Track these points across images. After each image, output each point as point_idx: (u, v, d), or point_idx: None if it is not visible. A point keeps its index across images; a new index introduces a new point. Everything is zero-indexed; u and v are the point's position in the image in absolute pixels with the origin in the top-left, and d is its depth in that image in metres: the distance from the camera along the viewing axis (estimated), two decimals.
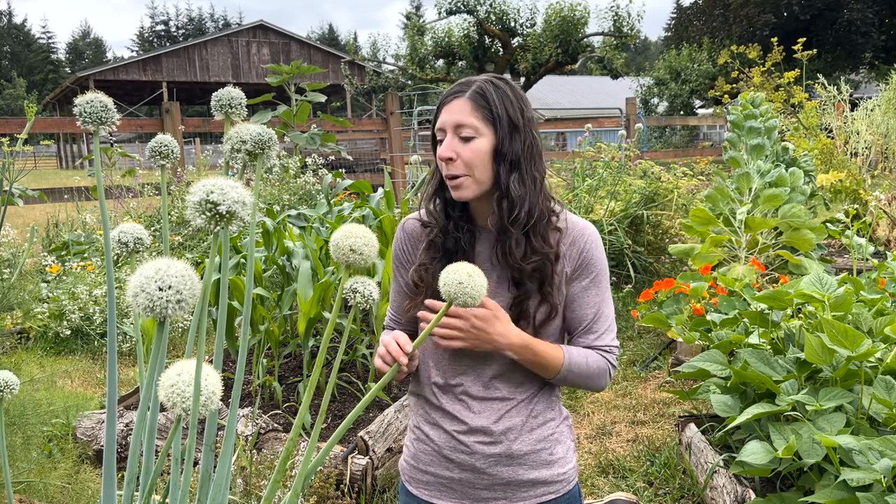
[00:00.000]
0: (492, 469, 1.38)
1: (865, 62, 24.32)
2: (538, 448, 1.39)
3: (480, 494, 1.39)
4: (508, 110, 1.32)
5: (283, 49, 29.96)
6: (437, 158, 1.34)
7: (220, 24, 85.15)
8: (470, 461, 1.38)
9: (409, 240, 1.45)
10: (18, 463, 2.28)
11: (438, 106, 1.35)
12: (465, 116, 1.30)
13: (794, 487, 2.15)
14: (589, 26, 17.30)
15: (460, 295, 1.11)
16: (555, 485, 1.40)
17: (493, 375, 1.39)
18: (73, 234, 5.84)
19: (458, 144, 1.30)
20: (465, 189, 1.32)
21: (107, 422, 1.11)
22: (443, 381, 1.41)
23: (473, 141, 1.31)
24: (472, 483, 1.39)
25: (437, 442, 1.41)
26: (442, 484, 1.41)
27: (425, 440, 1.44)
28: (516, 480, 1.38)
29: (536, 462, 1.39)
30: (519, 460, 1.38)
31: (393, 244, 1.49)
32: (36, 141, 14.76)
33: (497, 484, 1.38)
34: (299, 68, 6.43)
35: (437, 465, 1.42)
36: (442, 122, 1.33)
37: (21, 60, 72.57)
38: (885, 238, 5.07)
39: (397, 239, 1.48)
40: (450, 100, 1.33)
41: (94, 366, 4.10)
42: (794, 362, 2.23)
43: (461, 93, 1.32)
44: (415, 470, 1.45)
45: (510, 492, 1.38)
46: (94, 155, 1.12)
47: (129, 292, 0.81)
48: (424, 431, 1.44)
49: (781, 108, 8.05)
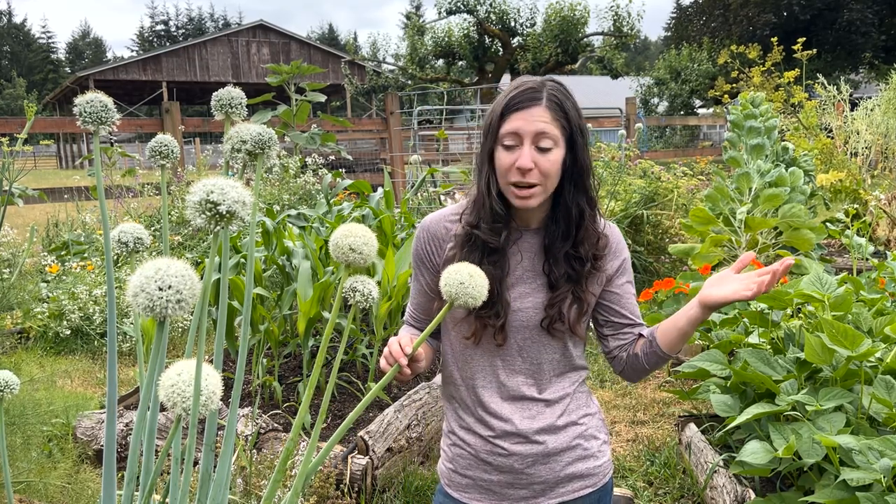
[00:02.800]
0: (529, 469, 1.39)
1: (865, 62, 24.31)
2: (573, 444, 1.41)
3: (519, 493, 1.41)
4: (580, 121, 1.31)
5: (283, 49, 29.95)
6: (507, 165, 1.29)
7: (219, 24, 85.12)
8: (507, 463, 1.39)
9: (433, 240, 1.43)
10: (18, 463, 2.28)
11: (506, 108, 1.29)
12: (546, 126, 1.27)
13: (794, 487, 2.14)
14: (589, 26, 17.32)
15: (462, 295, 1.11)
16: (591, 478, 1.42)
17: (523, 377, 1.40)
18: (73, 234, 5.84)
19: (536, 154, 1.27)
20: (534, 199, 1.30)
21: (107, 422, 1.11)
22: (472, 385, 1.42)
23: (552, 151, 1.28)
24: (511, 483, 1.40)
25: (474, 446, 1.42)
26: (481, 486, 1.43)
27: (462, 445, 1.44)
28: (554, 478, 1.40)
29: (572, 458, 1.40)
30: (556, 458, 1.39)
31: (414, 244, 1.47)
32: (36, 141, 14.77)
33: (535, 483, 1.40)
34: (299, 68, 6.43)
35: (475, 469, 1.43)
36: (517, 128, 1.27)
37: (21, 60, 72.55)
38: (885, 238, 5.07)
39: (419, 239, 1.45)
40: (526, 105, 1.28)
41: (93, 366, 4.10)
42: (794, 362, 2.23)
43: (537, 99, 1.28)
44: (453, 474, 1.46)
45: (549, 489, 1.40)
46: (94, 155, 1.12)
47: (129, 292, 0.81)
48: (460, 436, 1.45)
49: (781, 107, 8.05)
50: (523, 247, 1.38)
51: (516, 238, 1.38)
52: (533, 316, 1.36)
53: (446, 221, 1.42)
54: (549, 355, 1.39)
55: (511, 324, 1.37)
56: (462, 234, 1.37)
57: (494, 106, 1.33)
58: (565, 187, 1.32)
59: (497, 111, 1.31)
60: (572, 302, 1.35)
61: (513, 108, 1.29)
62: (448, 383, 1.47)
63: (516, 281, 1.37)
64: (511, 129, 1.28)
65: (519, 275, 1.37)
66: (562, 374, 1.42)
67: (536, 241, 1.38)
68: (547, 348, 1.39)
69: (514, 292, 1.37)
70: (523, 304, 1.36)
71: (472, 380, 1.42)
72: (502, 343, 1.37)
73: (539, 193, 1.30)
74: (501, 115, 1.30)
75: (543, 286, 1.36)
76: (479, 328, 1.36)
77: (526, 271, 1.37)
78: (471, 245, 1.35)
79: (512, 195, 1.31)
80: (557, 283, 1.35)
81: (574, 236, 1.34)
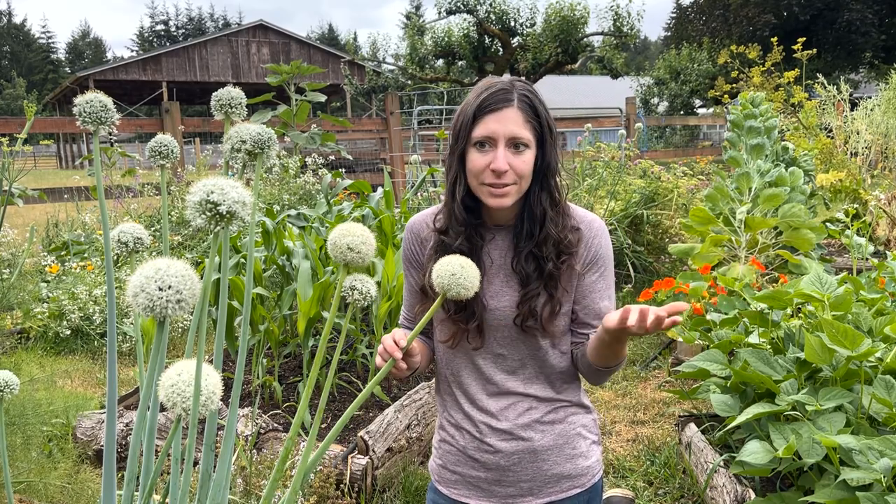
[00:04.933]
0: (516, 467, 1.39)
1: (865, 62, 24.33)
2: (560, 443, 1.41)
3: (507, 491, 1.41)
4: (549, 121, 1.32)
5: (283, 49, 29.95)
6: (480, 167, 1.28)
7: (219, 24, 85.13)
8: (494, 460, 1.40)
9: (416, 240, 1.45)
10: (18, 463, 2.29)
11: (479, 110, 1.29)
12: (519, 128, 1.27)
13: (794, 487, 2.14)
14: (589, 26, 17.32)
15: (454, 286, 1.12)
16: (579, 478, 1.42)
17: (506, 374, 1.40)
18: (73, 234, 5.84)
19: (510, 156, 1.28)
20: (509, 197, 1.30)
21: (107, 422, 1.11)
22: (459, 381, 1.43)
23: (525, 152, 1.29)
24: (498, 481, 1.41)
25: (461, 442, 1.43)
26: (469, 483, 1.43)
27: (450, 441, 1.46)
28: (541, 476, 1.40)
29: (560, 457, 1.40)
30: (542, 456, 1.39)
31: (402, 244, 1.49)
32: (36, 141, 14.77)
33: (522, 481, 1.40)
34: (299, 68, 6.42)
35: (463, 465, 1.44)
36: (491, 131, 1.27)
37: (21, 60, 72.55)
38: (885, 238, 5.06)
39: (405, 239, 1.48)
40: (499, 107, 1.28)
41: (93, 366, 4.10)
42: (794, 362, 2.23)
43: (509, 101, 1.28)
44: (443, 470, 1.48)
45: (536, 488, 1.40)
46: (93, 155, 1.12)
47: (129, 292, 0.81)
48: (449, 433, 1.46)
49: (781, 107, 8.05)
50: (497, 245, 1.38)
51: (490, 237, 1.39)
52: (508, 314, 1.36)
53: (429, 221, 1.43)
54: (530, 352, 1.39)
55: (488, 322, 1.37)
56: (436, 239, 1.39)
57: (464, 107, 1.32)
58: (532, 187, 1.33)
59: (469, 112, 1.30)
60: (546, 300, 1.34)
61: (485, 110, 1.28)
62: (439, 380, 1.49)
63: (491, 279, 1.38)
64: (485, 132, 1.28)
65: (493, 273, 1.38)
66: (549, 370, 1.41)
67: (508, 239, 1.38)
68: (527, 345, 1.39)
69: (489, 290, 1.37)
70: (499, 303, 1.36)
71: (458, 376, 1.43)
72: (479, 346, 1.38)
73: (513, 193, 1.30)
74: (474, 116, 1.29)
75: (517, 283, 1.36)
76: (457, 332, 1.37)
77: (500, 269, 1.37)
78: (444, 250, 1.35)
79: (486, 195, 1.31)
80: (528, 280, 1.34)
81: (536, 236, 1.33)
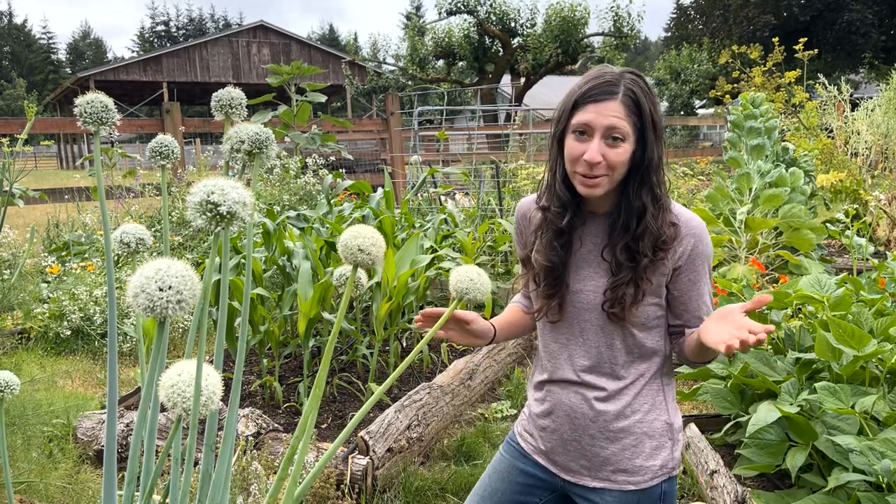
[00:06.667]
0: (588, 438, 1.41)
1: (865, 62, 24.33)
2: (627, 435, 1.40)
3: (570, 465, 1.44)
4: (654, 116, 1.31)
5: (284, 49, 29.96)
6: (575, 154, 1.31)
7: (220, 25, 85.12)
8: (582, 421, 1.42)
9: (524, 219, 1.53)
10: (19, 463, 2.29)
11: (581, 97, 1.30)
12: (618, 121, 1.27)
13: (795, 487, 2.14)
14: (589, 26, 17.32)
15: (471, 290, 1.24)
16: (634, 475, 1.41)
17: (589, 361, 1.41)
18: (74, 235, 5.84)
19: (605, 147, 1.28)
20: (599, 188, 1.32)
21: (107, 422, 1.11)
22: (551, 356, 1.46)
23: (621, 145, 1.29)
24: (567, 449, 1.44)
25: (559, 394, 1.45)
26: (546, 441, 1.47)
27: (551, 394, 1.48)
28: (600, 459, 1.41)
29: (622, 447, 1.41)
30: (611, 439, 1.40)
31: (514, 224, 1.59)
32: (36, 141, 14.77)
33: (586, 457, 1.42)
34: (299, 69, 6.43)
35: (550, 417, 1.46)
36: (590, 120, 1.28)
37: (21, 61, 72.58)
38: (885, 238, 5.06)
39: (516, 218, 1.57)
40: (602, 98, 1.28)
41: (94, 366, 4.10)
42: (794, 363, 2.23)
43: (613, 94, 1.28)
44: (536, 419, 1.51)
45: (594, 469, 1.42)
46: (94, 155, 1.12)
47: (129, 293, 0.81)
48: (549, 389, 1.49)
49: (782, 108, 8.06)
50: (589, 231, 1.40)
51: (581, 223, 1.41)
52: (593, 299, 1.38)
53: (535, 200, 1.49)
54: (613, 339, 1.40)
55: (573, 305, 1.40)
56: (539, 216, 1.44)
57: (570, 92, 1.34)
58: (630, 181, 1.33)
59: (571, 99, 1.32)
60: (633, 290, 1.35)
61: (588, 99, 1.29)
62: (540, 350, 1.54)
63: (580, 263, 1.40)
64: (583, 121, 1.29)
65: (581, 257, 1.40)
66: (632, 359, 1.41)
67: (602, 226, 1.39)
68: (610, 332, 1.40)
69: (577, 275, 1.40)
70: (585, 287, 1.39)
71: (550, 353, 1.47)
72: (557, 320, 1.42)
73: (604, 183, 1.31)
74: (575, 103, 1.31)
75: (606, 271, 1.38)
76: (542, 306, 1.43)
77: (590, 254, 1.40)
78: (546, 225, 1.41)
79: (578, 182, 1.33)
80: (619, 270, 1.35)
81: (634, 230, 1.33)
